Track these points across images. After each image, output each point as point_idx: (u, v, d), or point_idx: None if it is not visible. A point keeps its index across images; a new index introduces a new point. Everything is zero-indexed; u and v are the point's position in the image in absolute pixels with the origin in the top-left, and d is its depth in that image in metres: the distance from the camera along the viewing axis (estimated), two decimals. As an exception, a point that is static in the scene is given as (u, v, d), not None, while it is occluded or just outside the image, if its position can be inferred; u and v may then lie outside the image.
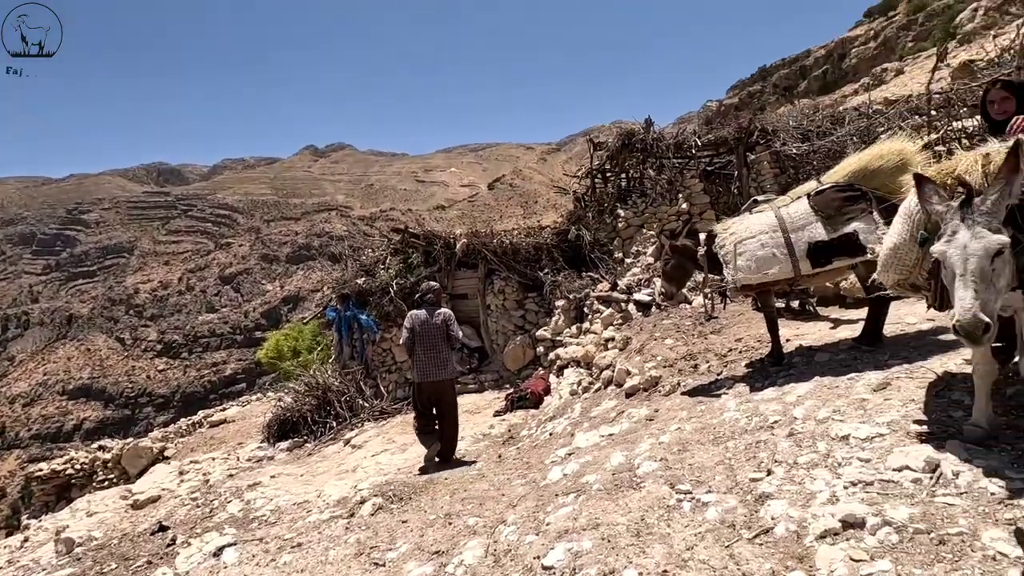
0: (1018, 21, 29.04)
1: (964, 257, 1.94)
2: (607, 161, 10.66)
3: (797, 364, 4.21)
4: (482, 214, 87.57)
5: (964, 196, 2.01)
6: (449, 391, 5.62)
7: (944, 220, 2.05)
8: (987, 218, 1.95)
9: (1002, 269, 1.96)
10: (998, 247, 1.92)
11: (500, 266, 9.89)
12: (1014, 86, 3.17)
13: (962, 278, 1.93)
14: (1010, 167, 1.97)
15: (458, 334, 5.46)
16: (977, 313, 1.86)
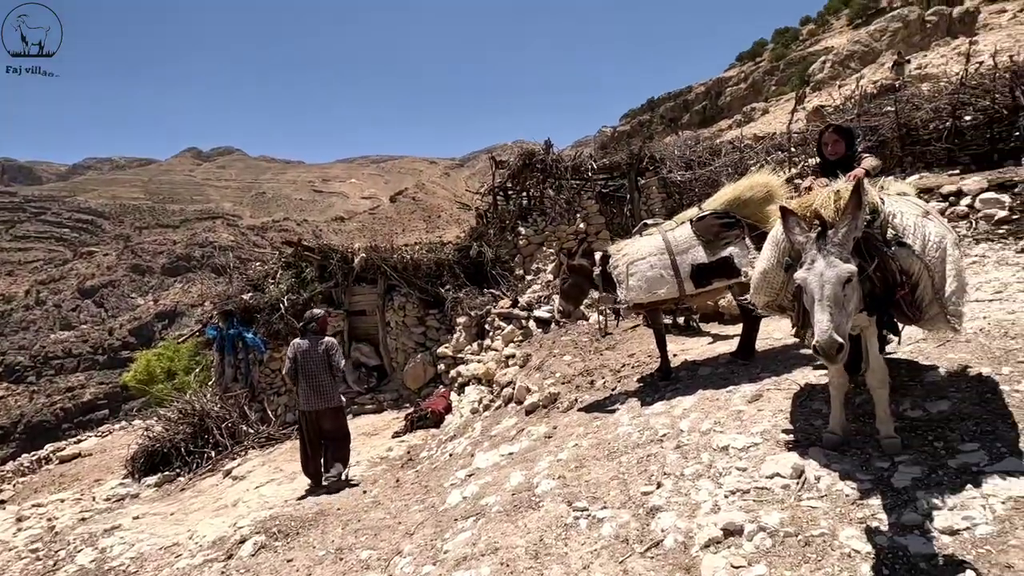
0: (857, 75, 33.83)
1: (821, 284, 2.16)
2: (508, 180, 10.85)
3: (683, 378, 4.48)
4: (384, 227, 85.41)
5: (820, 228, 2.26)
6: (335, 418, 5.61)
7: (804, 249, 2.28)
8: (839, 249, 2.20)
9: (851, 294, 2.21)
10: (848, 275, 2.16)
11: (401, 282, 9.65)
12: (843, 130, 3.65)
13: (819, 303, 2.15)
14: (854, 204, 2.24)
15: (339, 364, 5.52)
16: (832, 334, 2.07)
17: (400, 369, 9.69)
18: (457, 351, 8.79)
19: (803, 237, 2.31)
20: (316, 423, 5.52)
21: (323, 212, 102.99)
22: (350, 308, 9.90)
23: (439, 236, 38.42)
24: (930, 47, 35.27)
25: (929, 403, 2.91)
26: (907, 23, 40.52)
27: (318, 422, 5.52)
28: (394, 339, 9.84)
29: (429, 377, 9.21)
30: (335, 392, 5.56)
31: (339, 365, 5.51)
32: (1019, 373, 2.95)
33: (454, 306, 9.31)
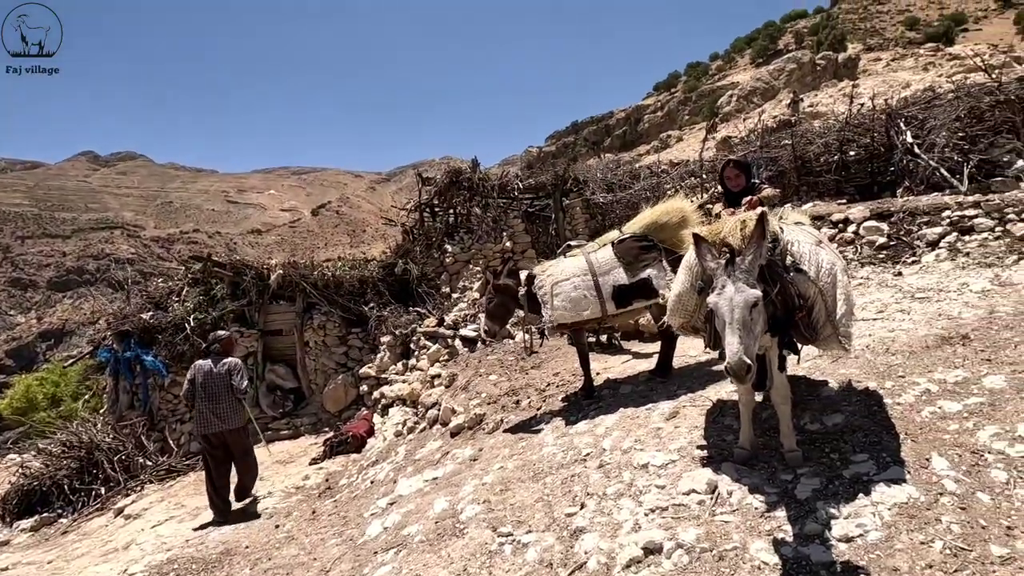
0: (759, 109, 36.80)
1: (731, 308, 2.29)
2: (435, 197, 10.79)
3: (605, 397, 4.58)
4: (305, 241, 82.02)
5: (729, 256, 2.39)
6: (237, 440, 5.42)
7: (715, 275, 2.41)
8: (746, 275, 2.34)
9: (758, 317, 2.36)
10: (755, 300, 2.30)
11: (321, 300, 9.26)
12: (742, 164, 3.94)
13: (729, 326, 2.27)
14: (758, 234, 2.41)
15: (241, 384, 5.35)
16: (742, 356, 2.19)
17: (319, 391, 9.24)
18: (381, 371, 8.52)
19: (714, 263, 2.44)
20: (218, 447, 5.34)
21: (238, 224, 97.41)
22: (265, 328, 9.36)
23: (364, 251, 37.43)
24: (820, 87, 39.16)
25: (826, 416, 3.14)
26: (801, 65, 44.80)
27: (220, 446, 5.34)
28: (313, 360, 9.39)
29: (351, 399, 8.85)
30: (236, 414, 5.39)
31: (240, 385, 5.33)
32: (899, 387, 3.26)
33: (378, 325, 9.04)
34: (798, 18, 68.72)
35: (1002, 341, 3.57)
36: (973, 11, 59.05)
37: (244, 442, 5.50)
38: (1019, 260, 5.31)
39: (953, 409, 2.88)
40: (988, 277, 5.07)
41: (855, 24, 61.15)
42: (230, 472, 5.49)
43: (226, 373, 5.30)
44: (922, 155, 8.81)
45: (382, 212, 78.40)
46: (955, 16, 56.30)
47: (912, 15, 61.25)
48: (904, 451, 2.65)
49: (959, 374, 3.21)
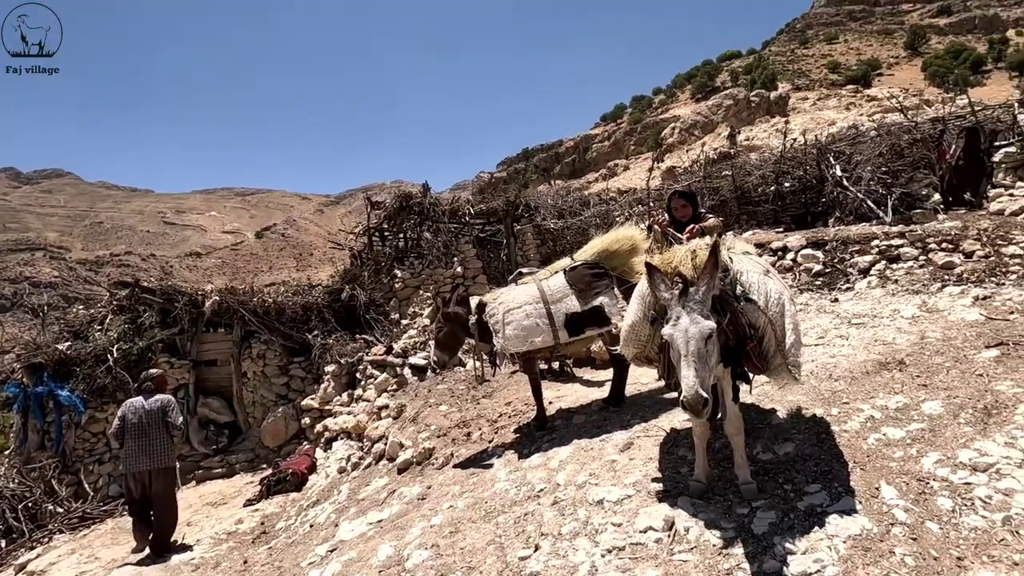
0: (700, 141, 38.58)
1: (686, 340, 2.24)
2: (385, 221, 10.57)
3: (559, 427, 4.47)
4: (248, 264, 78.80)
5: (682, 286, 2.36)
6: (163, 481, 5.11)
7: (669, 306, 2.37)
8: (700, 306, 2.31)
9: (713, 349, 2.32)
10: (709, 331, 2.27)
11: (261, 328, 8.78)
12: (687, 195, 4.01)
13: (685, 358, 2.22)
14: (712, 264, 2.39)
15: (176, 420, 5.12)
16: (698, 390, 2.14)
17: (257, 425, 8.70)
18: (324, 403, 8.12)
19: (668, 294, 2.40)
20: (145, 487, 5.01)
21: (175, 246, 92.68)
22: (198, 358, 8.77)
23: (311, 275, 36.25)
24: (755, 122, 41.62)
25: (777, 445, 3.14)
26: (737, 101, 47.53)
27: (145, 485, 5.01)
28: (251, 392, 8.86)
29: (291, 433, 8.36)
30: (167, 452, 5.11)
31: (176, 422, 5.10)
32: (845, 414, 3.32)
33: (322, 354, 8.64)
34: (733, 58, 73.60)
35: (935, 366, 3.72)
36: (886, 58, 64.71)
37: (169, 483, 5.23)
38: (943, 287, 5.63)
39: (897, 436, 2.93)
40: (916, 304, 5.33)
41: (784, 65, 65.71)
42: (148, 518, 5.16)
43: (159, 410, 5.09)
44: (850, 187, 9.37)
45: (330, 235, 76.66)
46: (871, 62, 61.53)
47: (833, 59, 66.54)
48: (854, 480, 2.66)
49: (899, 400, 3.30)
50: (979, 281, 5.54)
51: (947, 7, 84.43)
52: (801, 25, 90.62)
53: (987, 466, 2.50)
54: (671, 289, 2.41)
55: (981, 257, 6.23)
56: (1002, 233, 6.69)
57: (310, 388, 8.63)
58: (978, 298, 5.02)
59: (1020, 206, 7.69)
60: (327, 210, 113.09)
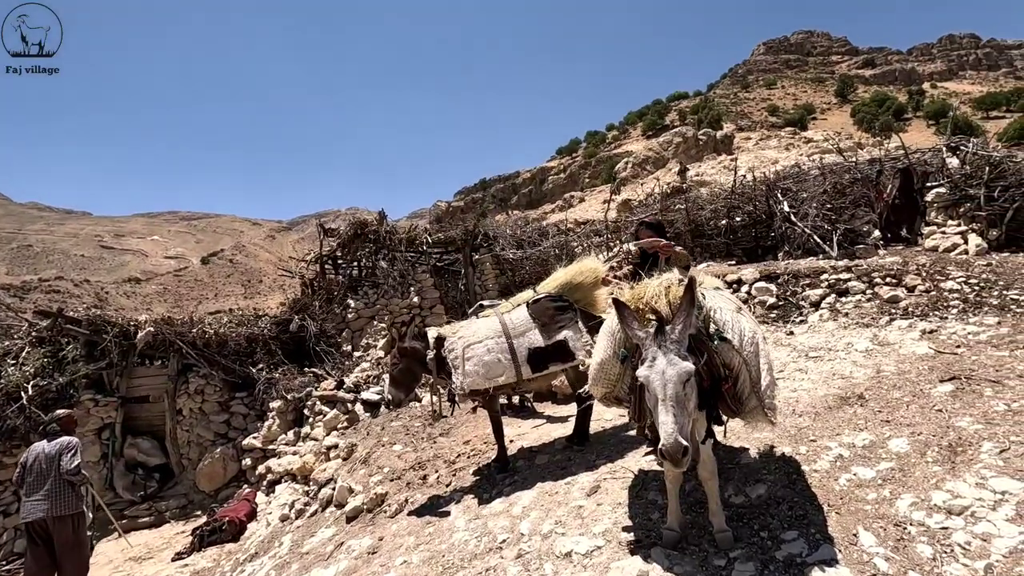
0: (652, 176, 39.86)
1: (663, 383, 2.11)
2: (339, 248, 10.21)
3: (521, 469, 4.24)
4: (191, 291, 75.22)
5: (657, 324, 2.23)
6: (63, 531, 4.57)
7: (644, 345, 2.23)
8: (676, 345, 2.19)
9: (691, 392, 2.19)
10: (688, 374, 2.14)
11: (200, 361, 8.19)
12: (654, 226, 3.99)
13: (663, 403, 2.08)
14: (688, 300, 2.27)
15: (71, 464, 4.58)
16: (677, 437, 1.99)
17: (193, 467, 8.02)
18: (268, 442, 7.58)
19: (642, 332, 2.26)
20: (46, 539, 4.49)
21: (112, 272, 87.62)
22: (128, 394, 8.07)
23: (259, 303, 34.76)
24: (703, 159, 43.52)
25: (749, 487, 3.03)
26: (686, 139, 49.66)
27: (46, 535, 4.49)
28: (187, 431, 8.19)
29: (231, 475, 7.74)
30: (65, 499, 4.57)
31: (70, 465, 4.54)
32: (813, 452, 3.25)
33: (267, 388, 8.11)
34: (681, 99, 77.57)
35: (895, 401, 3.74)
36: (819, 103, 69.52)
37: (73, 535, 4.62)
38: (891, 321, 5.79)
39: (868, 476, 2.87)
40: (868, 337, 5.45)
41: (728, 107, 69.48)
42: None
43: (56, 453, 4.57)
44: (798, 223, 9.71)
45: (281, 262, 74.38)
46: (806, 106, 65.94)
47: (772, 103, 71.02)
48: (831, 525, 2.55)
49: (865, 437, 3.26)
50: (924, 315, 5.73)
51: (871, 60, 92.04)
52: (743, 71, 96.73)
53: (962, 509, 2.45)
54: (645, 327, 2.28)
55: (923, 291, 6.48)
56: (939, 268, 7.02)
57: (253, 426, 8.06)
58: (925, 332, 5.17)
59: (952, 243, 8.14)
60: (279, 236, 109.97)
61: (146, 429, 8.26)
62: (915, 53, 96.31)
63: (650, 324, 2.29)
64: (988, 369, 3.93)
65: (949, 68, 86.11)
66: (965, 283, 6.32)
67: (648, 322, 2.34)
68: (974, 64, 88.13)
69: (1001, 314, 5.26)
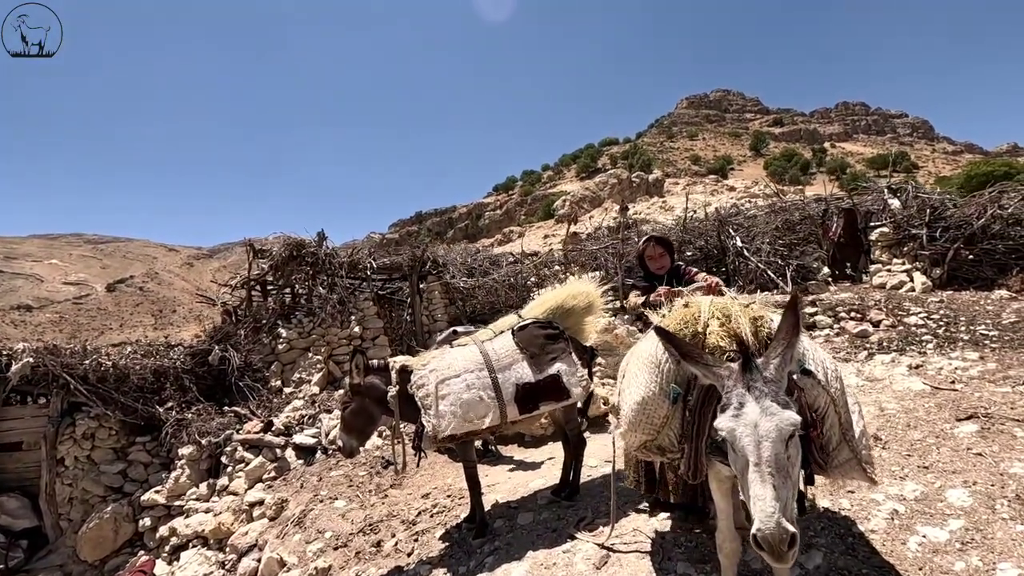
0: (589, 213, 40.75)
1: (756, 440, 1.55)
2: (270, 272, 9.14)
3: (501, 531, 3.50)
4: (93, 320, 68.08)
5: (743, 359, 1.67)
6: None
7: (723, 387, 1.67)
8: (774, 388, 1.64)
9: (796, 454, 1.63)
10: (792, 427, 1.58)
11: (92, 398, 6.84)
12: (665, 242, 3.54)
13: (756, 469, 1.51)
14: (791, 327, 1.73)
15: None
16: (781, 520, 1.42)
17: (75, 530, 6.58)
18: (175, 496, 6.34)
19: (722, 370, 1.70)
20: None
21: (0, 298, 78.14)
22: (-5, 440, 6.59)
23: (171, 334, 31.61)
24: (636, 200, 45.15)
25: (802, 556, 2.49)
26: (620, 180, 51.54)
27: None
28: (69, 484, 6.75)
29: (124, 540, 6.37)
30: None
31: None
32: (860, 507, 2.78)
33: (177, 432, 6.87)
34: (612, 144, 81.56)
35: (919, 443, 3.38)
36: (736, 156, 74.86)
37: None
38: (871, 356, 5.62)
39: (942, 538, 2.42)
40: (852, 372, 5.22)
41: (655, 154, 73.28)
42: None
43: None
44: (751, 258, 9.76)
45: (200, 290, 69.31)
46: (725, 158, 70.75)
47: (695, 153, 75.88)
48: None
49: (913, 488, 2.84)
50: (900, 350, 5.61)
51: (780, 119, 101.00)
52: (668, 122, 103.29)
53: (1080, 580, 2.03)
54: (721, 362, 1.72)
55: (888, 326, 6.45)
56: (897, 304, 7.07)
57: (156, 477, 6.77)
58: (912, 367, 5.00)
59: (899, 280, 8.36)
60: (198, 264, 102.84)
61: (15, 484, 6.74)
62: (816, 115, 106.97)
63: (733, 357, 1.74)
64: (1002, 407, 3.69)
65: (845, 131, 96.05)
66: (928, 318, 6.34)
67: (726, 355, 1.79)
68: (864, 128, 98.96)
69: (979, 349, 5.19)
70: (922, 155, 79.35)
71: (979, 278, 7.83)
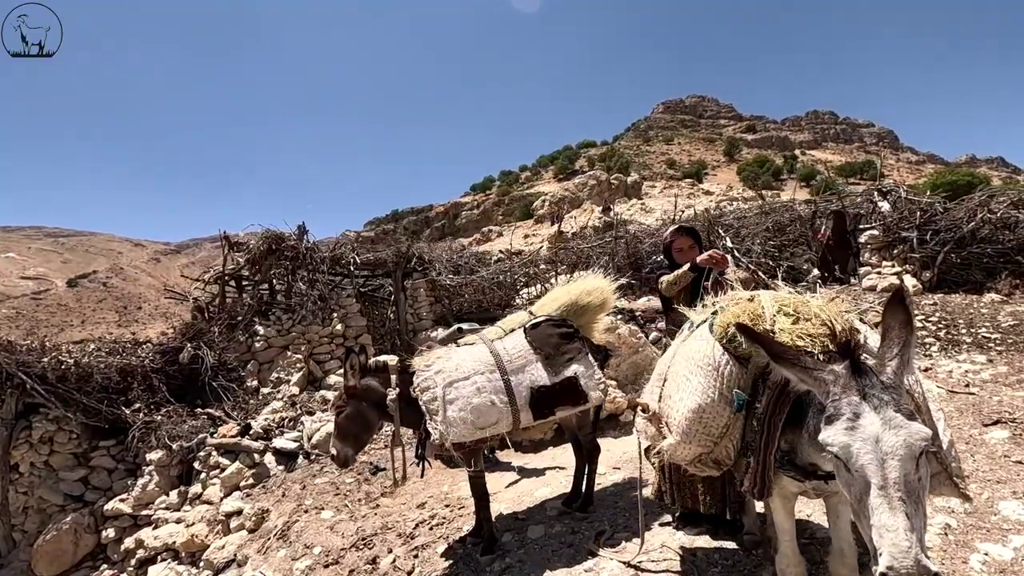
0: (570, 214, 40.71)
1: (879, 458, 1.30)
2: (247, 266, 8.68)
3: (511, 547, 3.22)
4: (52, 317, 65.39)
5: (850, 357, 1.44)
6: None
7: (830, 394, 1.43)
8: (894, 395, 1.39)
9: (927, 477, 1.37)
10: (923, 443, 1.32)
11: (51, 399, 6.33)
12: (694, 232, 3.34)
13: (883, 493, 1.26)
14: (902, 321, 1.49)
15: None
16: (921, 558, 1.18)
17: (30, 543, 6.08)
18: (142, 505, 5.89)
19: (827, 374, 1.45)
20: None
21: (-52, 292, 74.22)
22: (-62, 445, 6.03)
23: (136, 331, 30.40)
24: (615, 202, 45.37)
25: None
26: (600, 182, 51.76)
27: None
28: (25, 492, 6.24)
29: (84, 552, 5.90)
30: None
31: None
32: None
33: (145, 435, 6.41)
34: (589, 147, 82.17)
35: (950, 450, 3.23)
36: (711, 161, 75.99)
37: None
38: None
39: (1006, 557, 2.23)
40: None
41: (632, 158, 73.91)
42: None
43: None
44: (742, 259, 9.68)
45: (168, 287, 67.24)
46: (700, 163, 71.71)
47: (671, 157, 76.85)
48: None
49: (959, 498, 2.67)
50: (904, 352, 5.53)
51: (752, 126, 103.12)
52: (644, 126, 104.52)
53: None
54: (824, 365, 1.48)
55: (886, 329, 6.38)
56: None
57: (121, 484, 6.29)
58: (920, 369, 4.89)
59: (889, 283, 8.34)
60: (165, 259, 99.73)
61: (-38, 493, 6.19)
62: (787, 123, 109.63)
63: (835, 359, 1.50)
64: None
65: (815, 139, 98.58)
66: (926, 321, 6.28)
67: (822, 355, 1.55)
68: (834, 137, 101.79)
69: (984, 351, 5.13)
70: (887, 164, 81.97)
71: (968, 281, 7.86)
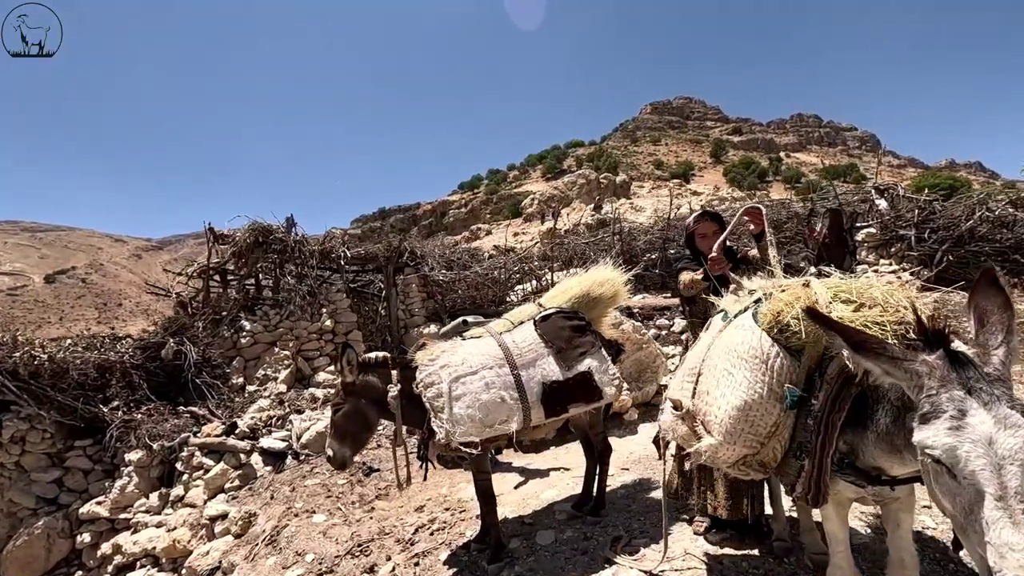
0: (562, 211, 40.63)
1: (995, 464, 1.12)
2: (232, 259, 8.36)
3: (519, 553, 3.03)
4: (29, 313, 63.78)
5: (944, 347, 1.27)
6: None
7: (925, 388, 1.26)
8: (1005, 390, 1.22)
9: None
10: None
11: (23, 397, 6.00)
12: (719, 217, 3.20)
13: (1001, 505, 1.09)
14: (1000, 305, 1.31)
15: None
16: None
17: (1, 548, 5.75)
18: (120, 508, 5.59)
19: (920, 365, 1.28)
20: None
21: (-81, 287, 71.96)
22: (-99, 445, 5.68)
23: (116, 328, 29.69)
24: (605, 201, 45.40)
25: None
26: (589, 181, 51.79)
27: None
28: (-7, 495, 5.90)
29: (58, 558, 5.59)
30: None
31: None
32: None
33: (123, 434, 6.09)
34: (577, 146, 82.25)
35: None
36: (697, 162, 76.49)
37: None
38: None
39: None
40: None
41: (620, 158, 74.13)
42: None
43: None
44: (738, 256, 9.60)
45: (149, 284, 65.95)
46: (687, 163, 72.15)
47: (658, 158, 77.24)
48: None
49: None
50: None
51: (739, 128, 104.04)
52: (632, 127, 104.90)
53: None
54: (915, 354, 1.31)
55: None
56: (892, 304, 6.97)
57: (98, 486, 5.98)
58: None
59: (887, 281, 8.32)
60: (146, 256, 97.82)
61: (-74, 495, 5.84)
62: (772, 126, 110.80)
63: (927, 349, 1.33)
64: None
65: (799, 141, 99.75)
66: (929, 319, 6.21)
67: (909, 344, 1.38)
68: (818, 140, 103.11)
69: (993, 350, 5.05)
70: (870, 167, 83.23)
71: (966, 279, 7.84)
